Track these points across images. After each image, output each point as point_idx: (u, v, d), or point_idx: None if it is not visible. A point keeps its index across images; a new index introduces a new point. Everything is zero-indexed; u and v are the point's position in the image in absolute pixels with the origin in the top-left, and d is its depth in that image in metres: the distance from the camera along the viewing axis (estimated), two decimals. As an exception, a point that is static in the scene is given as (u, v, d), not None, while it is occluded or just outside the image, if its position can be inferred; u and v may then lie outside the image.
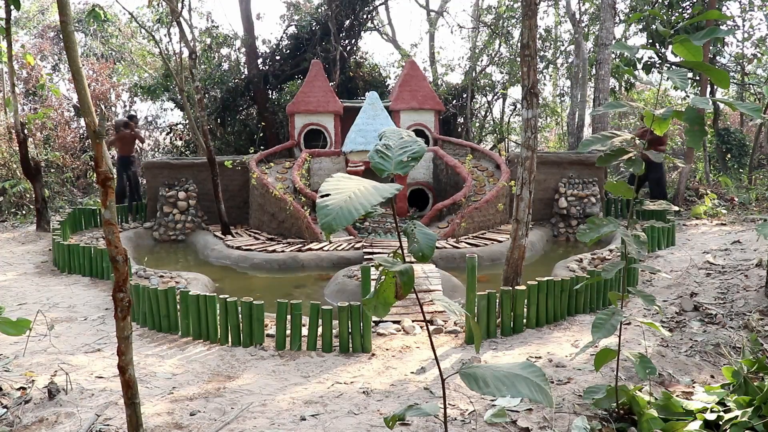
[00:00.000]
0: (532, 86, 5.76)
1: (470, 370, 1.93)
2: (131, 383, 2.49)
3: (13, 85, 10.87)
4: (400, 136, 2.01)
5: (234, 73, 19.00)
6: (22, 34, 22.53)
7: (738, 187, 14.49)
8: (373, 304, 1.91)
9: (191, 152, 18.48)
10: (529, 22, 5.71)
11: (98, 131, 2.29)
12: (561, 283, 5.76)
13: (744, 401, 3.11)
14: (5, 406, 3.61)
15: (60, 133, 17.25)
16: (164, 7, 16.57)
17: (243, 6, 18.68)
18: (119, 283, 2.41)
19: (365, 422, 3.44)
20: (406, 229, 1.94)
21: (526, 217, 5.87)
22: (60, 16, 2.26)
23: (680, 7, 15.83)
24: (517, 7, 19.35)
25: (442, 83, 20.37)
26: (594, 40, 18.92)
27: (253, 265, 9.59)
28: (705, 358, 4.32)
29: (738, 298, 5.75)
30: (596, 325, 3.00)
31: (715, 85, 13.95)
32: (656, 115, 3.01)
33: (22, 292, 7.19)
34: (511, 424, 3.30)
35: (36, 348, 5.00)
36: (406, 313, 6.12)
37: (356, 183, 1.75)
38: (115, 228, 2.39)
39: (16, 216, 13.63)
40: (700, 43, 2.73)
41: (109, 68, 20.14)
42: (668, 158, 3.25)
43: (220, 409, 3.68)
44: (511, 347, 5.01)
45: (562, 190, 12.06)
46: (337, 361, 4.82)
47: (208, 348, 5.21)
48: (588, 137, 3.23)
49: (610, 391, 3.29)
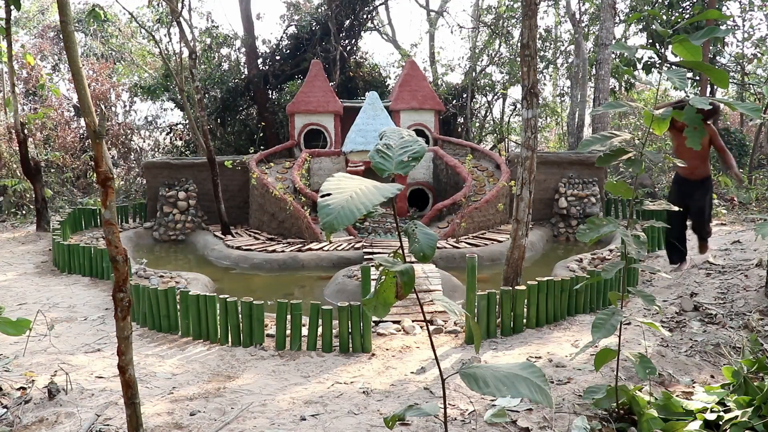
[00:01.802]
0: (532, 86, 5.76)
1: (470, 370, 1.93)
2: (131, 383, 2.49)
3: (13, 85, 10.87)
4: (401, 135, 2.01)
5: (234, 73, 19.01)
6: (22, 34, 22.55)
7: (738, 187, 14.49)
8: (373, 304, 1.91)
9: (191, 152, 18.48)
10: (529, 22, 5.70)
11: (98, 131, 2.29)
12: (561, 283, 5.76)
13: (744, 401, 3.11)
14: (5, 406, 3.61)
15: (60, 133, 17.25)
16: (164, 7, 16.58)
17: (243, 6, 18.68)
18: (119, 283, 2.41)
19: (365, 422, 3.43)
20: (406, 229, 1.94)
21: (526, 217, 5.87)
22: (60, 16, 2.26)
23: (680, 7, 15.83)
24: (517, 7, 19.36)
25: (442, 83, 20.37)
26: (594, 40, 18.93)
27: (253, 265, 9.59)
28: (705, 358, 4.31)
29: (738, 298, 5.74)
30: (596, 325, 3.00)
31: (714, 85, 13.96)
32: (655, 115, 3.01)
33: (22, 292, 7.19)
34: (511, 424, 3.30)
35: (36, 348, 5.00)
36: (406, 313, 6.12)
37: (357, 183, 1.75)
38: (115, 228, 2.39)
39: (16, 216, 13.63)
40: (699, 42, 2.73)
41: (109, 68, 20.14)
42: (668, 158, 3.25)
43: (220, 409, 3.68)
44: (511, 347, 5.01)
45: (562, 190, 12.07)
46: (337, 361, 4.81)
47: (208, 348, 5.21)
48: (588, 137, 3.23)
49: (610, 391, 3.29)
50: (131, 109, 20.87)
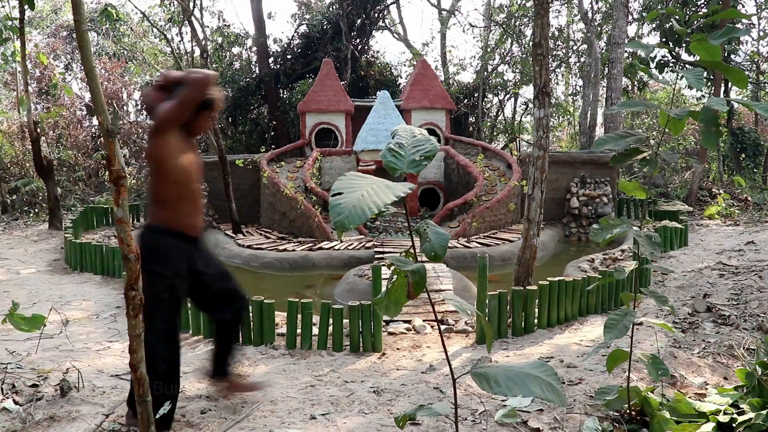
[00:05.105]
0: (544, 85, 5.73)
1: (481, 370, 1.92)
2: (143, 381, 2.49)
3: (27, 84, 10.97)
4: (413, 134, 2.00)
5: (245, 72, 19.06)
6: (36, 34, 22.69)
7: (752, 187, 14.37)
8: (384, 303, 1.91)
9: (202, 151, 18.54)
10: (542, 21, 5.67)
11: (111, 130, 2.29)
12: (572, 283, 5.73)
13: (757, 403, 3.08)
14: (18, 403, 3.63)
15: (72, 132, 17.37)
16: (176, 6, 16.63)
17: (254, 5, 18.74)
18: (131, 281, 2.41)
19: (375, 421, 3.43)
20: (418, 228, 1.93)
21: (538, 216, 5.84)
22: (74, 15, 2.26)
23: (695, 5, 15.71)
24: (529, 5, 19.29)
25: (453, 82, 20.34)
26: (606, 39, 18.81)
27: (263, 263, 9.61)
28: (718, 360, 4.28)
29: (752, 299, 5.69)
30: (608, 326, 2.98)
31: (731, 84, 13.84)
32: (671, 116, 2.98)
33: (34, 290, 7.24)
34: (521, 424, 3.28)
35: (48, 345, 5.03)
36: (417, 312, 6.11)
37: (369, 181, 1.75)
38: (127, 226, 2.39)
39: (29, 214, 13.74)
40: (718, 42, 2.69)
41: (121, 67, 20.25)
42: (683, 158, 3.22)
43: (230, 407, 3.69)
44: (521, 347, 4.99)
45: (574, 190, 12.01)
46: (348, 361, 4.81)
47: (219, 346, 5.22)
48: (602, 136, 3.21)
49: (621, 392, 3.27)
50: (143, 108, 20.98)
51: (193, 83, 3.27)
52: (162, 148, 3.27)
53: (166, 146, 3.27)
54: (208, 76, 3.32)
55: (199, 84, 3.29)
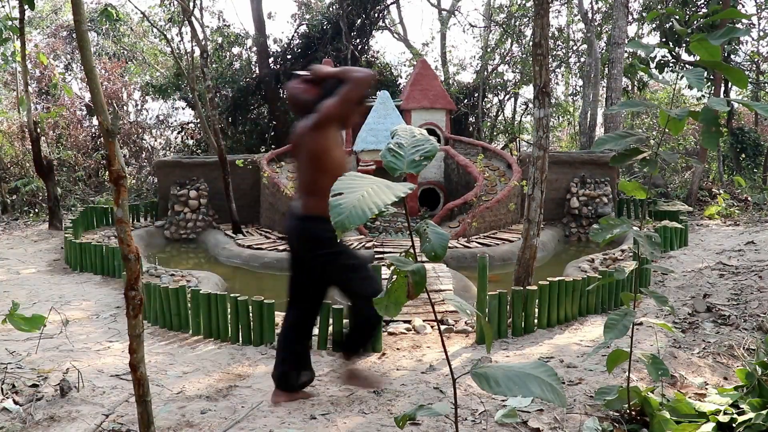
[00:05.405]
0: (544, 85, 5.73)
1: (481, 370, 1.91)
2: (143, 381, 2.49)
3: (27, 84, 10.96)
4: (413, 134, 2.00)
5: (245, 72, 19.06)
6: (36, 34, 22.69)
7: (752, 187, 14.37)
8: (384, 303, 1.90)
9: (202, 151, 18.55)
10: (542, 21, 5.67)
11: (111, 129, 2.29)
12: (572, 283, 5.73)
13: (758, 403, 3.07)
14: (18, 403, 3.63)
15: (72, 132, 17.36)
16: (176, 6, 16.63)
17: (254, 5, 18.73)
18: (131, 281, 2.41)
19: (375, 421, 3.43)
20: (417, 228, 1.93)
21: (538, 216, 5.84)
22: (74, 15, 2.26)
23: (695, 5, 15.71)
24: (529, 5, 19.29)
25: (453, 82, 20.34)
26: (606, 39, 18.81)
27: (263, 263, 9.61)
28: (718, 360, 4.28)
29: (752, 299, 5.69)
30: (608, 326, 2.98)
31: (731, 84, 13.84)
32: (671, 116, 2.98)
33: (34, 290, 7.24)
34: (521, 424, 3.28)
35: (48, 345, 5.03)
36: (417, 312, 6.10)
37: (369, 182, 1.74)
38: (127, 226, 2.39)
39: (29, 214, 13.74)
40: (718, 42, 2.69)
41: (121, 67, 20.25)
42: (683, 158, 3.22)
43: (230, 407, 3.69)
44: (521, 347, 4.99)
45: (574, 190, 12.01)
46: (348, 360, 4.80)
47: (219, 346, 5.22)
48: (602, 136, 3.20)
49: (621, 392, 3.27)
50: (143, 108, 20.98)
51: (357, 82, 3.44)
52: (324, 141, 3.53)
53: (328, 140, 3.53)
54: (371, 75, 3.52)
55: (364, 83, 3.47)
